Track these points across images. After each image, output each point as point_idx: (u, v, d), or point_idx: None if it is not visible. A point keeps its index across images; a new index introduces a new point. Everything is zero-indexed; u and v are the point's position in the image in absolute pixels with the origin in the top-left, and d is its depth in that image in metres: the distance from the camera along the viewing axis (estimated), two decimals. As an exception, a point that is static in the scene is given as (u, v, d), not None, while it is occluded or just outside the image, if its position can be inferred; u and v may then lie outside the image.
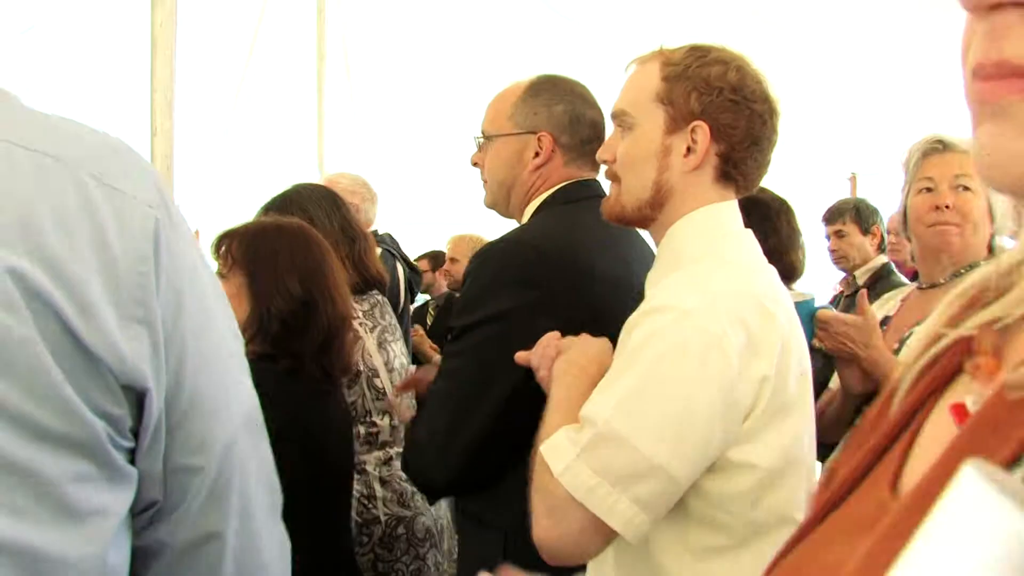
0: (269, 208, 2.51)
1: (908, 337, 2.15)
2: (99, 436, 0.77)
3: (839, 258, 4.11)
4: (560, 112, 1.82)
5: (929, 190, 2.14)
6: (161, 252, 0.81)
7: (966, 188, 2.11)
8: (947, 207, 2.14)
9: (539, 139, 1.82)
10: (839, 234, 4.08)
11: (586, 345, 1.43)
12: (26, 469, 0.73)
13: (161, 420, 0.83)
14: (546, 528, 1.23)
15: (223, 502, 0.91)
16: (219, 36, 5.78)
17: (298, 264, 1.90)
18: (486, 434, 1.59)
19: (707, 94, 1.36)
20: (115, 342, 0.77)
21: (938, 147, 2.15)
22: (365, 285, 2.55)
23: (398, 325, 2.66)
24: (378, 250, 3.05)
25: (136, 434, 0.82)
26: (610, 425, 1.20)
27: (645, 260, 1.76)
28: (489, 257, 1.70)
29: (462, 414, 1.60)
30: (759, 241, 1.46)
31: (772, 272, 1.43)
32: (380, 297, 2.62)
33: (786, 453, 1.28)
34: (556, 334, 1.49)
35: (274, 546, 1.01)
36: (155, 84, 2.12)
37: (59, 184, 0.77)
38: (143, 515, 0.87)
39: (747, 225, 1.46)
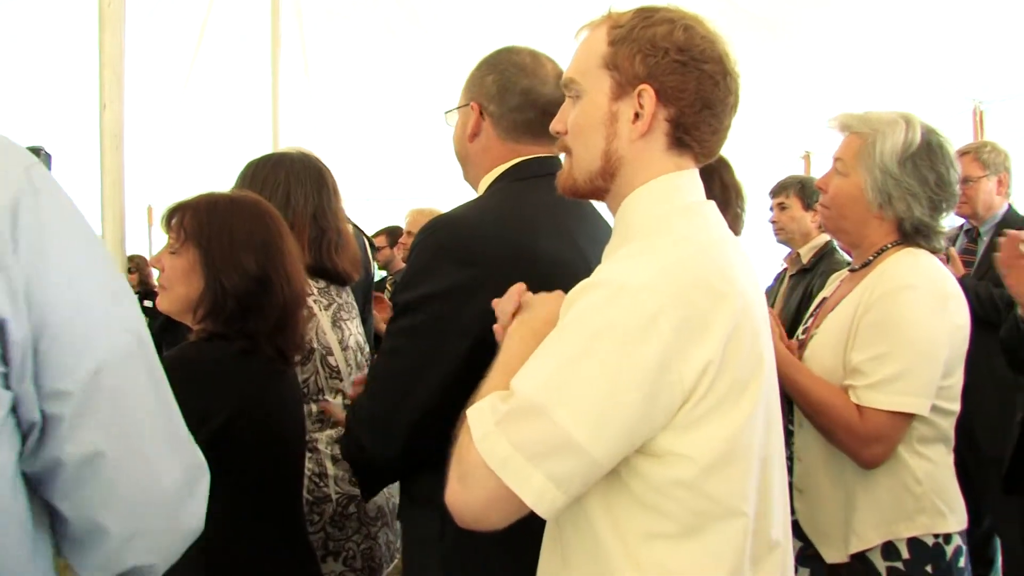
0: (255, 167, 2.49)
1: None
2: None
3: (779, 230, 4.23)
4: (490, 82, 1.80)
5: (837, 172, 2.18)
6: (20, 216, 0.98)
7: (839, 172, 2.14)
8: (823, 190, 2.18)
9: (471, 109, 1.82)
10: (781, 207, 4.20)
11: (544, 305, 1.40)
12: None
13: (27, 350, 0.98)
14: (456, 492, 1.21)
15: (99, 422, 1.05)
16: (173, 10, 5.69)
17: (254, 240, 1.87)
18: (426, 413, 1.58)
19: (652, 55, 1.32)
20: None
21: (835, 128, 2.18)
22: (327, 277, 2.52)
23: (354, 303, 2.65)
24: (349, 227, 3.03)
25: (6, 360, 0.97)
26: (534, 398, 1.18)
27: (600, 239, 1.76)
28: (430, 234, 1.68)
29: (402, 393, 1.60)
30: None
31: (734, 248, 1.37)
32: None
33: (731, 443, 1.25)
34: (522, 286, 1.46)
35: (175, 473, 1.15)
36: (104, 59, 2.08)
37: None
38: (30, 437, 1.02)
39: None
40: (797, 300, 3.90)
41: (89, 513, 1.08)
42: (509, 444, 1.17)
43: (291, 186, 2.45)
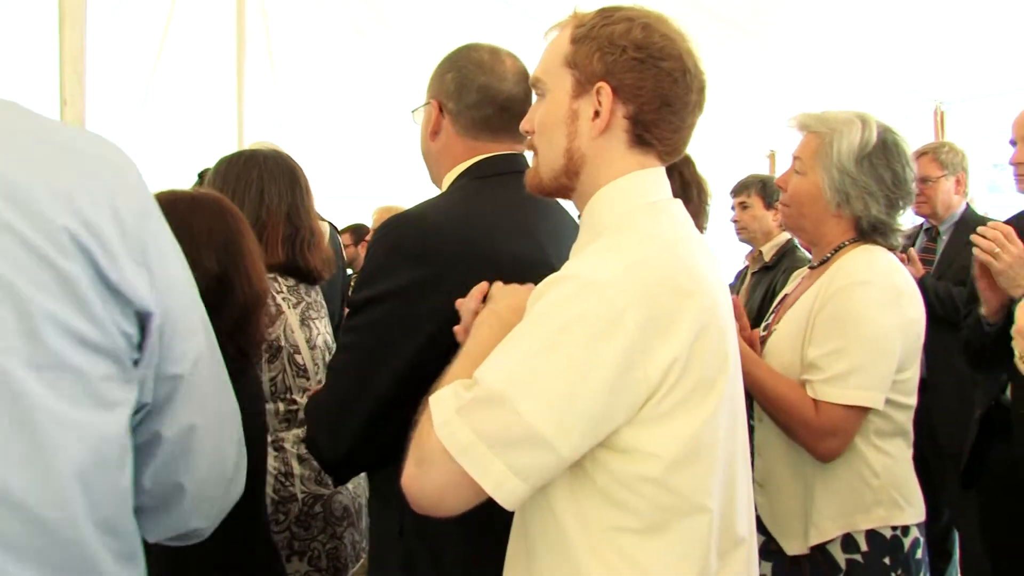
0: (226, 164, 2.47)
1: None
2: (121, 347, 1.09)
3: (740, 229, 4.28)
4: (449, 80, 1.80)
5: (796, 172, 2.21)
6: (150, 222, 1.15)
7: (797, 171, 2.18)
8: (782, 189, 2.22)
9: (432, 107, 1.82)
10: (743, 206, 4.25)
11: (514, 295, 1.41)
12: (77, 369, 1.05)
13: (156, 338, 1.14)
14: (412, 476, 1.21)
15: (196, 401, 1.23)
16: (137, 7, 5.64)
17: (215, 239, 1.86)
18: (382, 410, 1.57)
19: (610, 53, 1.33)
20: (129, 278, 1.08)
21: (794, 127, 2.21)
22: (298, 275, 2.51)
23: (323, 302, 2.64)
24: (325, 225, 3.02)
25: (139, 347, 1.13)
26: (499, 388, 1.18)
27: (566, 238, 1.76)
28: (386, 233, 1.66)
29: (357, 390, 1.59)
30: None
31: (700, 246, 1.38)
32: None
33: (696, 440, 1.25)
34: (485, 285, 1.47)
35: (234, 446, 1.35)
36: (64, 55, 2.06)
37: (91, 167, 1.11)
38: (136, 415, 1.15)
39: None
40: (760, 297, 3.94)
41: (173, 479, 1.24)
42: (471, 431, 1.17)
43: (265, 183, 2.44)
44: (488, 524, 1.37)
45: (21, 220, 1.02)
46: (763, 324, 2.35)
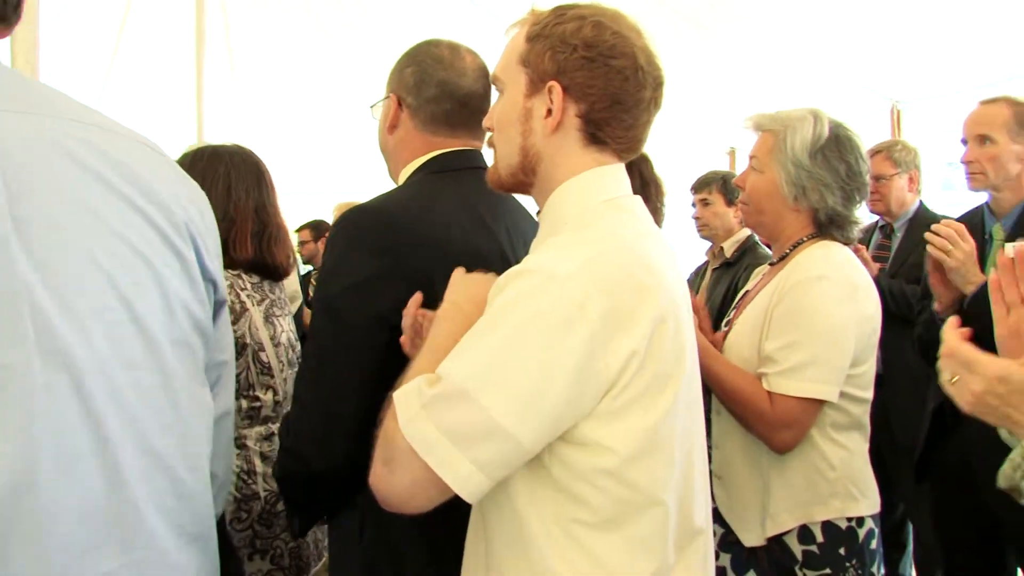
0: (191, 160, 2.43)
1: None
2: (209, 330, 1.24)
3: (702, 226, 4.29)
4: (408, 74, 1.80)
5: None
6: (204, 220, 1.29)
7: (754, 169, 2.22)
8: (741, 188, 2.27)
9: (391, 101, 1.82)
10: (704, 202, 4.27)
11: (473, 286, 1.42)
12: (193, 347, 1.20)
13: (219, 324, 1.30)
14: (380, 475, 1.21)
15: (230, 388, 1.37)
16: (93, 0, 5.56)
17: None
18: (363, 410, 1.53)
19: (561, 52, 1.34)
20: (215, 269, 1.26)
21: (750, 128, 2.26)
22: (265, 272, 2.50)
23: (287, 299, 2.62)
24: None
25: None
26: (462, 384, 1.18)
27: (524, 234, 1.76)
28: (345, 225, 1.66)
29: (335, 395, 1.56)
30: None
31: (659, 242, 1.39)
32: None
33: (653, 433, 1.27)
34: (419, 297, 1.49)
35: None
36: (16, 49, 2.03)
37: (175, 170, 1.27)
38: None
39: None
40: (722, 293, 3.96)
41: (212, 464, 1.30)
42: (435, 428, 1.17)
43: (232, 180, 2.43)
44: (448, 520, 1.37)
45: (156, 212, 1.15)
46: (724, 320, 2.37)
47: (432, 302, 1.47)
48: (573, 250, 1.27)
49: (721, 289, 4.02)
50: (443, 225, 1.65)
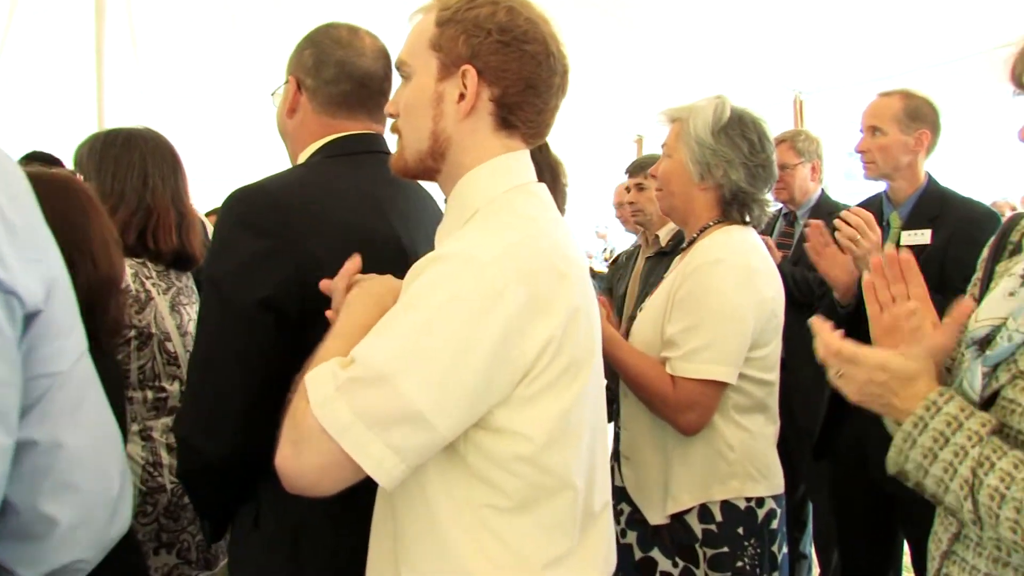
0: (102, 145, 2.37)
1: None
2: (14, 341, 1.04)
3: (635, 211, 4.21)
4: (307, 56, 1.78)
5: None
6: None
7: (665, 155, 2.30)
8: (655, 176, 2.35)
9: (290, 84, 1.80)
10: (640, 187, 4.20)
11: (387, 279, 1.42)
12: None
13: (31, 339, 1.07)
14: (288, 457, 1.19)
15: (76, 407, 1.14)
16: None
17: (55, 220, 1.79)
18: (256, 396, 1.51)
19: (476, 36, 1.35)
20: (16, 282, 1.02)
21: (664, 122, 2.33)
22: (181, 261, 2.45)
23: (195, 287, 2.57)
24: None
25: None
26: (378, 367, 1.17)
27: (423, 221, 1.75)
28: (230, 206, 1.62)
29: (224, 378, 1.53)
30: None
31: (566, 229, 1.41)
32: None
33: (565, 418, 1.29)
34: (356, 263, 1.45)
35: (118, 469, 1.23)
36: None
37: None
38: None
39: None
40: (656, 284, 3.94)
41: (39, 501, 1.11)
42: (350, 411, 1.16)
43: (148, 167, 2.37)
44: (349, 507, 1.36)
45: None
46: (640, 306, 2.42)
47: (314, 283, 1.46)
48: (491, 236, 1.28)
49: (655, 280, 3.98)
50: (334, 208, 1.63)
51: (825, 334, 1.41)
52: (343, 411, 1.17)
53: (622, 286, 4.28)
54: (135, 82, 6.25)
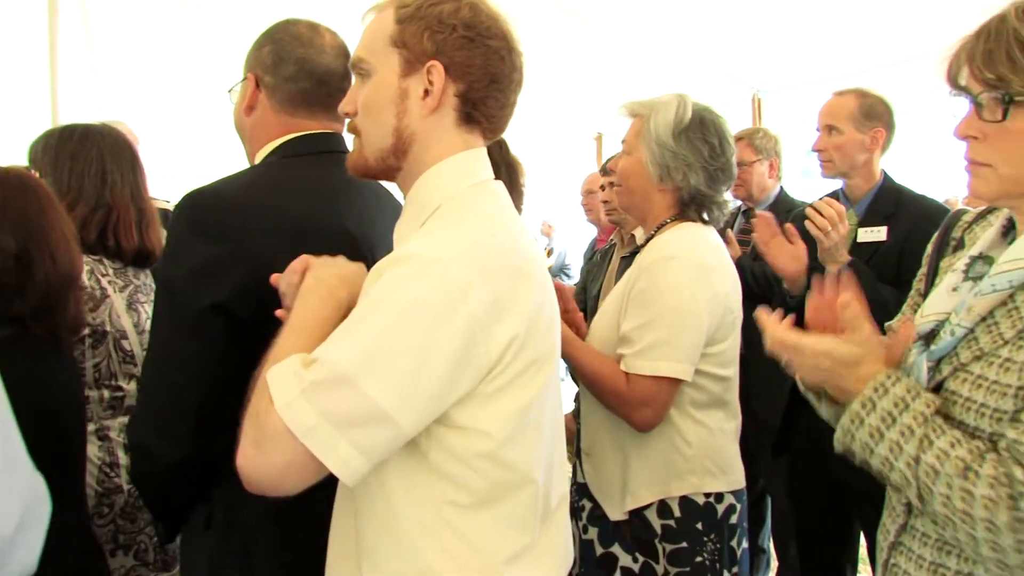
0: (58, 140, 2.34)
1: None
2: None
3: (611, 210, 4.13)
4: (266, 53, 1.76)
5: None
6: None
7: (625, 152, 2.32)
8: (613, 172, 2.37)
9: (248, 81, 1.78)
10: (614, 184, 4.13)
11: (340, 266, 1.41)
12: None
13: None
14: (250, 457, 1.18)
15: None
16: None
17: (12, 216, 1.77)
18: (210, 398, 1.50)
19: (440, 32, 1.35)
20: None
21: (624, 115, 2.34)
22: (141, 259, 2.43)
23: (152, 284, 2.53)
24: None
25: None
26: (342, 368, 1.17)
27: (377, 221, 1.74)
28: (183, 209, 1.60)
29: (179, 383, 1.52)
30: None
31: (523, 227, 1.43)
32: None
33: (525, 415, 1.30)
34: (305, 260, 1.44)
35: (14, 514, 1.11)
36: None
37: None
38: None
39: None
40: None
41: None
42: (315, 413, 1.16)
43: (106, 163, 2.34)
44: (303, 507, 1.34)
45: None
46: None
47: (275, 290, 1.45)
48: (454, 234, 1.29)
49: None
50: (289, 210, 1.62)
51: (770, 325, 1.46)
52: (308, 412, 1.16)
53: (596, 285, 4.28)
54: (89, 77, 6.15)
